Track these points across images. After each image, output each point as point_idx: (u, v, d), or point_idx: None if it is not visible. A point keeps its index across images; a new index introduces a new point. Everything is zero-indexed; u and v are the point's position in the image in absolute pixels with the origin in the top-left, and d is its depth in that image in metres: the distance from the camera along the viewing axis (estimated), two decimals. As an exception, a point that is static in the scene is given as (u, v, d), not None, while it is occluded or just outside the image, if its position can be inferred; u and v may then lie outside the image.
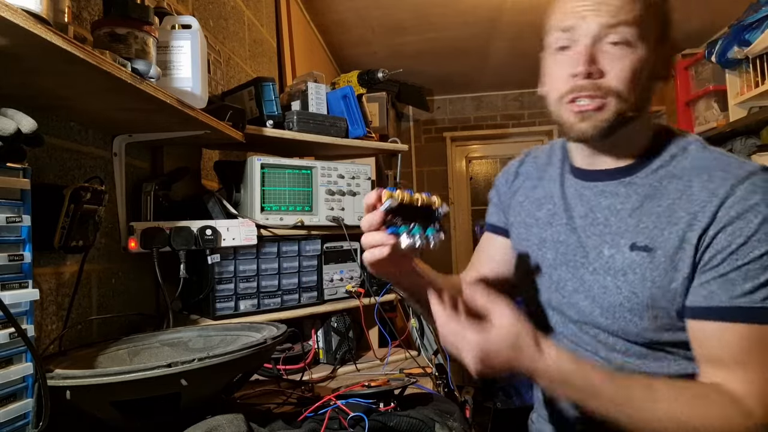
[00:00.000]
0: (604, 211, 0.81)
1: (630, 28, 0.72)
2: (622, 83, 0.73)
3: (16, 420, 0.65)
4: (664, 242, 0.74)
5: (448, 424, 0.94)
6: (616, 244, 0.78)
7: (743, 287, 0.68)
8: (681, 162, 0.77)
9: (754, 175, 0.70)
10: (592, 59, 0.73)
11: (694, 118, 3.01)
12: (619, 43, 0.73)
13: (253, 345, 0.81)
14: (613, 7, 0.73)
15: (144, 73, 0.84)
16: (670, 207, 0.74)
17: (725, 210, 0.69)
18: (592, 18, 0.73)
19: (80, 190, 0.90)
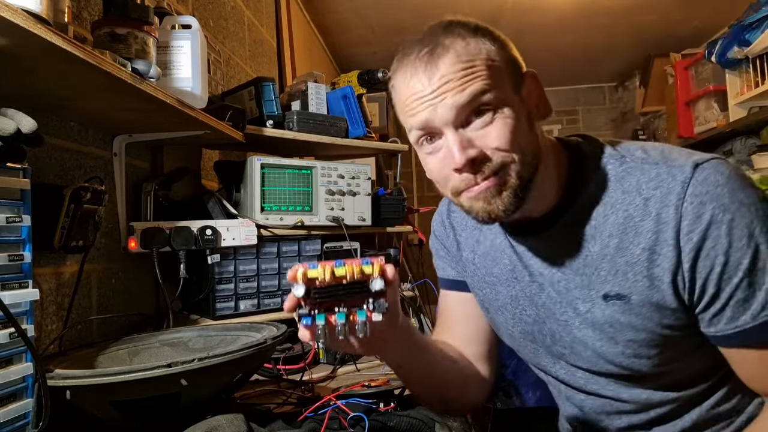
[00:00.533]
0: (556, 263, 0.74)
1: (486, 94, 0.64)
2: (509, 149, 0.65)
3: (16, 420, 0.65)
4: (632, 286, 0.68)
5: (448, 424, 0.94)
6: (588, 297, 0.71)
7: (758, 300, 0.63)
8: (607, 188, 0.70)
9: (688, 181, 0.63)
10: (466, 146, 0.65)
11: (694, 118, 3.01)
12: (482, 113, 0.65)
13: (253, 345, 0.81)
14: (456, 83, 0.64)
15: (144, 73, 0.84)
16: (619, 246, 0.68)
17: (685, 239, 0.63)
18: (440, 105, 0.65)
19: (80, 190, 0.90)
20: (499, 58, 0.67)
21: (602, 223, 0.69)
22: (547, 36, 3.46)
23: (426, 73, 0.66)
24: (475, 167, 0.66)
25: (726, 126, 2.64)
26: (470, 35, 0.68)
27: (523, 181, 0.67)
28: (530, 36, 3.44)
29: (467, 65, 0.65)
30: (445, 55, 0.66)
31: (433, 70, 0.65)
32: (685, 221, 0.63)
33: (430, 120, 0.66)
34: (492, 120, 0.65)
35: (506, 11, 3.04)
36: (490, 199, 0.67)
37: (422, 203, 4.72)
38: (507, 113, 0.66)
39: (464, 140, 0.65)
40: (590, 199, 0.70)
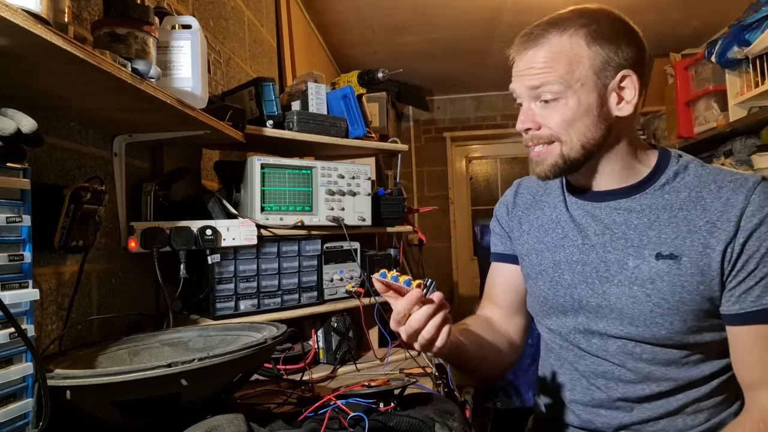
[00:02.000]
0: (621, 226, 0.87)
1: (554, 85, 0.82)
2: (556, 131, 0.84)
3: (16, 420, 0.65)
4: (688, 249, 0.80)
5: (448, 424, 0.94)
6: (640, 255, 0.84)
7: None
8: (685, 178, 0.85)
9: (759, 183, 0.79)
10: (528, 117, 0.86)
11: (694, 118, 3.01)
12: (548, 100, 0.84)
13: (253, 345, 0.81)
14: (536, 70, 0.84)
15: (144, 73, 0.84)
16: (686, 217, 0.82)
17: (747, 219, 0.77)
18: (521, 82, 0.86)
19: (80, 190, 0.90)
20: (586, 57, 0.82)
21: (674, 198, 0.84)
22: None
23: (520, 54, 0.87)
24: (531, 135, 0.87)
25: (726, 126, 2.63)
26: (568, 32, 0.83)
27: (566, 159, 0.85)
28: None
29: (549, 58, 0.83)
30: (537, 44, 0.84)
31: (524, 54, 0.86)
32: (750, 207, 0.77)
33: (514, 90, 0.89)
34: (555, 103, 0.84)
35: (506, 11, 3.04)
36: (536, 165, 0.89)
37: (422, 203, 4.72)
38: (570, 103, 0.83)
39: (529, 112, 0.87)
40: (668, 181, 0.86)
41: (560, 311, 0.95)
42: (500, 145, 4.99)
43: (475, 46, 3.56)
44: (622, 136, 0.87)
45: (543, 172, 0.88)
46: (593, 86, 0.82)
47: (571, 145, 0.84)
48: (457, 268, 4.80)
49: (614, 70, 0.83)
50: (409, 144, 4.51)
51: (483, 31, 3.32)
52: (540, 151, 0.87)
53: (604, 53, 0.82)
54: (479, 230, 3.45)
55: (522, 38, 0.87)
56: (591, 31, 0.82)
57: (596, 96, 0.83)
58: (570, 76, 0.82)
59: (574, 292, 0.91)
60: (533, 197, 1.04)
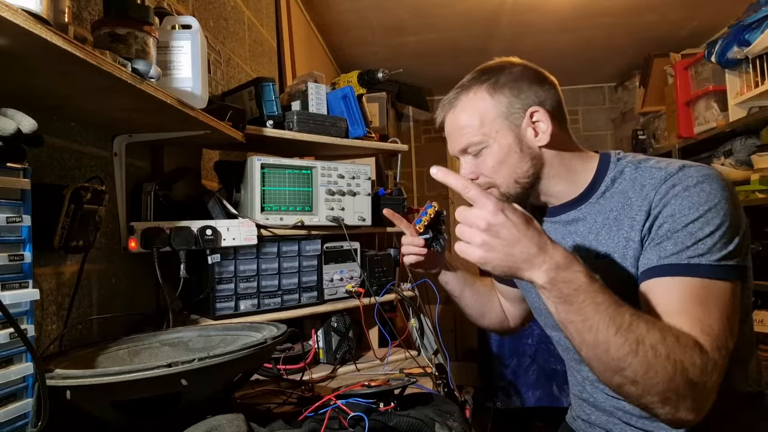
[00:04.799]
0: (572, 235, 0.98)
1: (475, 145, 0.96)
2: (490, 176, 0.96)
3: (16, 420, 0.65)
4: (615, 246, 0.90)
5: (448, 424, 0.94)
6: (587, 257, 0.91)
7: (672, 248, 0.81)
8: (621, 182, 0.93)
9: (672, 174, 0.86)
10: (468, 169, 0.99)
11: (693, 118, 3.01)
12: (476, 153, 0.96)
13: (253, 345, 0.81)
14: (458, 133, 0.97)
15: (144, 73, 0.84)
16: (617, 218, 0.91)
17: (654, 204, 0.85)
18: (452, 147, 1.01)
19: (80, 190, 0.90)
20: (492, 107, 0.95)
21: (609, 203, 0.93)
22: (546, 36, 3.46)
23: (443, 119, 1.03)
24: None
25: (726, 126, 2.63)
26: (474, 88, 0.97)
27: (508, 197, 0.97)
28: (530, 36, 3.44)
29: (464, 117, 0.97)
30: (453, 106, 0.99)
31: (445, 118, 1.02)
32: (657, 195, 0.86)
33: (452, 151, 1.03)
34: (481, 153, 0.96)
35: (506, 11, 3.04)
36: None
37: (422, 203, 4.72)
38: (494, 149, 0.95)
39: (467, 165, 0.99)
40: (607, 188, 0.95)
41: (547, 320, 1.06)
42: (500, 145, 4.99)
43: (475, 46, 3.55)
44: (553, 160, 0.96)
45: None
46: (507, 129, 0.94)
47: (507, 185, 0.96)
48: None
49: (521, 110, 0.94)
50: (409, 144, 4.51)
51: (483, 31, 3.32)
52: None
53: (507, 99, 0.94)
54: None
55: (441, 105, 1.02)
56: (491, 84, 0.95)
57: (513, 136, 0.94)
58: (485, 128, 0.94)
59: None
60: None
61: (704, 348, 0.73)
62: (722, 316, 0.76)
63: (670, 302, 0.79)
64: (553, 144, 0.95)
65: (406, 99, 4.40)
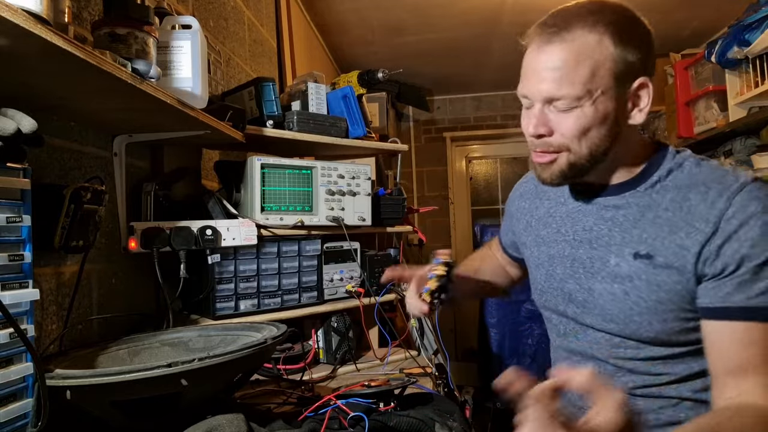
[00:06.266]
0: (607, 223, 0.87)
1: (572, 98, 0.77)
2: (569, 140, 0.80)
3: (16, 420, 0.65)
4: (664, 249, 0.79)
5: (448, 424, 0.94)
6: (621, 253, 0.84)
7: (758, 287, 0.72)
8: (677, 176, 0.82)
9: (747, 185, 0.76)
10: (541, 122, 0.80)
11: (693, 118, 3.01)
12: (564, 109, 0.78)
13: (253, 345, 0.81)
14: (557, 74, 0.77)
15: (144, 73, 0.84)
16: (670, 218, 0.80)
17: (726, 221, 0.74)
18: (537, 86, 0.79)
19: (80, 190, 0.90)
20: (610, 61, 0.76)
21: (661, 198, 0.82)
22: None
23: (540, 48, 0.79)
24: (542, 141, 0.82)
25: (726, 126, 2.63)
26: (597, 29, 0.76)
27: (573, 167, 0.82)
28: (530, 36, 3.44)
29: (572, 60, 0.76)
30: (563, 39, 0.77)
31: (545, 49, 0.78)
32: (731, 209, 0.74)
33: (527, 94, 0.82)
34: (570, 111, 0.78)
35: (506, 11, 3.04)
36: (542, 170, 0.85)
37: (422, 203, 4.72)
38: (587, 112, 0.78)
39: (543, 117, 0.81)
40: (660, 179, 0.84)
41: (554, 303, 0.97)
42: (500, 145, 4.98)
43: (475, 46, 3.55)
44: (628, 141, 0.84)
45: (549, 179, 0.85)
46: (613, 94, 0.78)
47: (580, 155, 0.81)
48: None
49: (634, 76, 0.78)
50: (409, 144, 4.51)
51: (483, 31, 3.32)
52: (547, 158, 0.83)
53: (629, 57, 0.77)
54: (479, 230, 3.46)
55: (543, 27, 0.79)
56: (619, 30, 0.76)
57: (614, 104, 0.78)
58: (591, 84, 0.76)
59: (565, 285, 0.93)
60: (536, 188, 1.05)
61: None
62: None
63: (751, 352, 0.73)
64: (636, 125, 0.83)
65: (406, 99, 4.40)
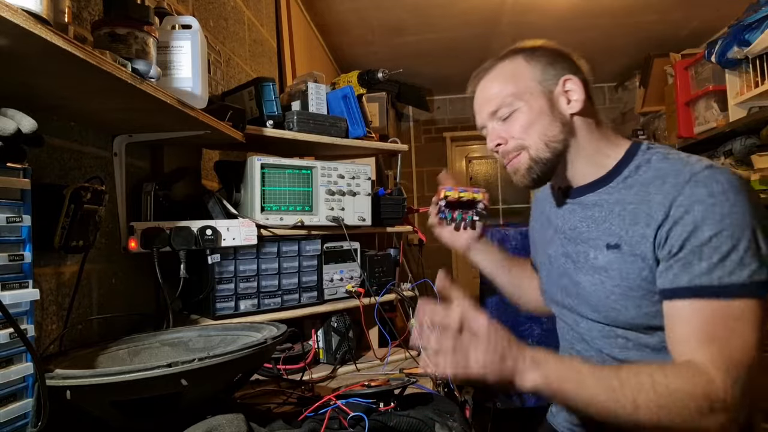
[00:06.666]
0: (587, 221, 0.97)
1: (506, 107, 0.95)
2: (520, 138, 0.94)
3: (16, 420, 0.65)
4: (629, 239, 0.87)
5: (448, 424, 0.94)
6: (597, 246, 0.93)
7: (700, 267, 0.78)
8: (645, 171, 0.90)
9: (697, 174, 0.82)
10: (494, 135, 0.97)
11: (694, 118, 3.01)
12: (505, 118, 0.95)
13: (253, 345, 0.81)
14: (491, 96, 0.96)
15: (144, 73, 0.84)
16: (633, 211, 0.88)
17: (675, 207, 0.81)
18: (482, 114, 0.99)
19: (80, 190, 0.90)
20: (527, 72, 0.95)
21: (627, 193, 0.91)
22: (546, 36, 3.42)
23: (476, 86, 1.01)
24: (501, 150, 0.97)
25: (726, 126, 2.63)
26: (511, 56, 0.98)
27: (538, 162, 0.94)
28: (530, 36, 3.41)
29: (499, 82, 0.97)
30: (488, 72, 0.99)
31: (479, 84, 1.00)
32: (681, 196, 0.82)
33: (479, 123, 1.02)
34: (511, 116, 0.95)
35: (506, 11, 3.04)
36: (514, 174, 0.99)
37: (422, 203, 4.72)
38: (524, 110, 0.94)
39: (494, 131, 0.98)
40: (630, 174, 0.92)
41: (557, 298, 1.05)
42: (500, 145, 4.99)
43: (475, 46, 3.56)
44: (584, 134, 0.95)
45: (522, 179, 0.98)
46: (540, 93, 0.94)
47: (537, 147, 0.94)
48: (457, 268, 4.80)
49: (554, 78, 0.94)
50: (409, 144, 4.51)
51: (483, 31, 3.32)
52: (513, 162, 0.97)
53: (541, 66, 0.95)
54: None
55: (475, 74, 1.02)
56: (527, 54, 0.96)
57: (545, 100, 0.94)
58: (517, 90, 0.94)
59: (560, 281, 1.02)
60: (545, 197, 1.15)
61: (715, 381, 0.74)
62: (752, 336, 0.76)
63: (698, 329, 0.78)
64: (584, 114, 0.95)
65: (406, 99, 4.41)
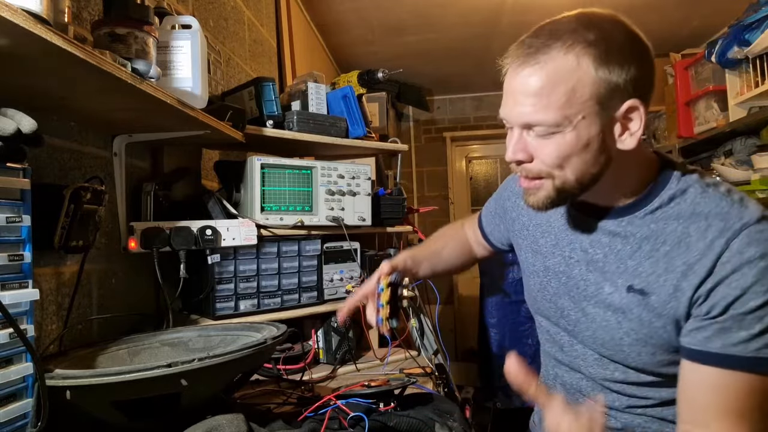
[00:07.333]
0: (604, 248, 0.82)
1: (549, 125, 0.71)
2: (550, 167, 0.74)
3: (16, 420, 0.65)
4: (659, 288, 0.75)
5: (448, 424, 0.94)
6: (615, 282, 0.80)
7: (738, 335, 0.69)
8: (680, 204, 0.76)
9: (749, 226, 0.70)
10: (519, 147, 0.76)
11: (694, 118, 3.01)
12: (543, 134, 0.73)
13: (253, 345, 0.81)
14: (533, 99, 0.72)
15: (144, 73, 0.84)
16: (668, 254, 0.75)
17: (721, 265, 0.70)
18: (513, 110, 0.75)
19: (80, 190, 0.90)
20: (591, 85, 0.70)
21: (661, 229, 0.76)
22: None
23: (516, 70, 0.73)
24: (521, 166, 0.77)
25: (726, 126, 2.63)
26: (575, 50, 0.70)
27: (561, 193, 0.77)
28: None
29: (549, 84, 0.70)
30: (538, 62, 0.71)
31: (521, 71, 0.72)
32: (728, 252, 0.70)
33: (506, 116, 0.77)
34: (549, 137, 0.73)
35: (506, 11, 3.04)
36: (528, 195, 0.80)
37: (422, 203, 4.72)
38: (568, 138, 0.72)
39: (521, 142, 0.76)
40: (661, 205, 0.77)
41: (547, 313, 0.95)
42: (500, 145, 4.97)
43: (475, 46, 3.55)
44: (621, 165, 0.77)
45: (536, 204, 0.80)
46: (596, 118, 0.71)
47: (565, 180, 0.75)
48: (457, 267, 4.80)
49: (621, 98, 0.71)
50: (409, 144, 4.51)
51: (483, 31, 3.32)
52: (532, 185, 0.78)
53: (613, 79, 0.70)
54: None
55: (520, 49, 0.74)
56: (601, 52, 0.70)
57: (598, 129, 0.72)
58: (570, 109, 0.70)
59: (558, 301, 0.90)
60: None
61: None
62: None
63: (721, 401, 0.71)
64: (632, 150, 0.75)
65: (406, 99, 4.41)
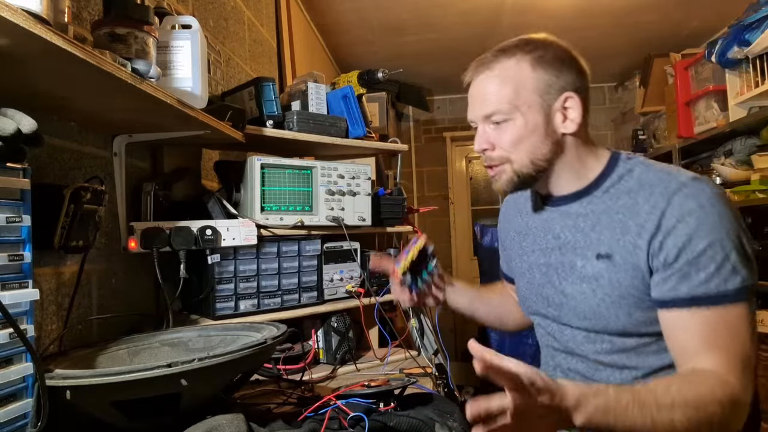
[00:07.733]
0: (572, 230, 0.97)
1: (501, 114, 0.91)
2: (507, 151, 0.93)
3: (16, 420, 0.65)
4: (620, 249, 0.89)
5: (448, 424, 0.94)
6: (585, 256, 0.94)
7: (698, 278, 0.81)
8: (628, 181, 0.92)
9: (685, 186, 0.85)
10: (483, 138, 0.95)
11: (694, 118, 3.01)
12: (498, 123, 0.93)
13: (253, 345, 0.81)
14: (488, 96, 0.93)
15: (144, 73, 0.84)
16: (622, 220, 0.90)
17: (666, 219, 0.84)
18: (475, 111, 0.96)
19: (80, 190, 0.90)
20: (530, 81, 0.91)
21: (614, 203, 0.92)
22: (547, 36, 3.45)
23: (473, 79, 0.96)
24: (487, 155, 0.96)
25: (726, 126, 2.63)
26: (518, 56, 0.92)
27: (520, 175, 0.94)
28: (530, 36, 3.44)
29: (498, 83, 0.92)
30: (489, 68, 0.94)
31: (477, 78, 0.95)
32: (670, 207, 0.84)
33: (471, 118, 0.98)
34: (504, 123, 0.92)
35: (505, 11, 3.04)
36: (495, 181, 0.98)
37: (422, 203, 4.72)
38: (518, 123, 0.91)
39: (484, 134, 0.95)
40: (613, 184, 0.93)
41: (536, 308, 1.05)
42: (500, 145, 4.99)
43: (475, 47, 3.54)
44: (571, 149, 0.95)
45: (501, 187, 0.97)
46: (538, 107, 0.91)
47: (521, 163, 0.93)
48: (457, 267, 4.80)
49: (557, 92, 0.91)
50: (409, 144, 4.51)
51: (483, 31, 3.32)
52: (496, 170, 0.96)
53: (547, 77, 0.91)
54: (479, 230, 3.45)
55: (475, 63, 0.97)
56: (536, 57, 0.91)
57: (542, 116, 0.91)
58: (517, 100, 0.90)
59: (542, 291, 1.02)
60: (515, 205, 1.15)
61: (731, 382, 0.78)
62: (748, 337, 0.80)
63: (702, 336, 0.81)
64: (576, 134, 0.94)
65: (406, 99, 4.40)
